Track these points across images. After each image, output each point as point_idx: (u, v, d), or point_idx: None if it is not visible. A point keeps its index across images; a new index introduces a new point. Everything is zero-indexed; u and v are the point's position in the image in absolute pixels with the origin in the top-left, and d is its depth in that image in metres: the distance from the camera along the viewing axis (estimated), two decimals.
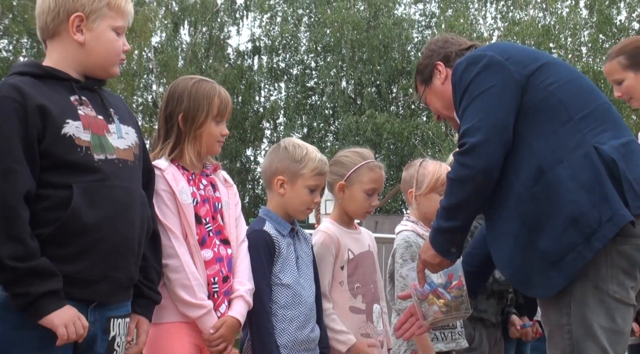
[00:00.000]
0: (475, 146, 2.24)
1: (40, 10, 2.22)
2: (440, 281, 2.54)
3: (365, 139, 22.49)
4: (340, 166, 3.07)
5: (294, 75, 25.64)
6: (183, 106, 2.58)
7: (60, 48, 2.21)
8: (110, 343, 2.19)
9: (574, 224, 2.17)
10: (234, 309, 2.55)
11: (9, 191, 1.99)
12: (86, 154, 2.10)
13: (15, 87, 2.06)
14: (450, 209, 2.34)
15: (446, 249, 2.41)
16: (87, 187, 2.08)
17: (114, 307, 2.19)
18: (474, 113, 2.29)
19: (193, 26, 24.51)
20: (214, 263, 2.55)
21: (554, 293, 2.23)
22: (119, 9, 2.23)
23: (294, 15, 25.26)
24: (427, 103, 2.79)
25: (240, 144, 25.02)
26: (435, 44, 2.77)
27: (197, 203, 2.56)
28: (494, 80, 2.30)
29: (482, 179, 2.26)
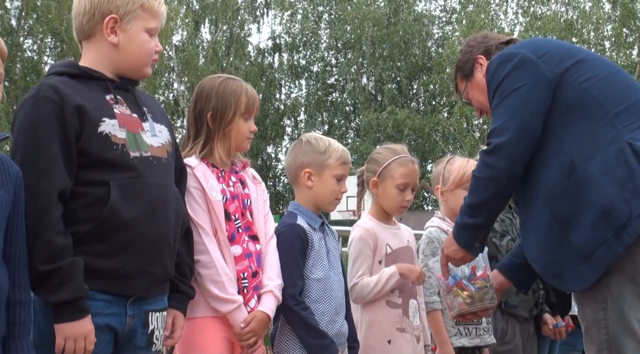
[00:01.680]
0: (500, 146, 2.29)
1: (77, 11, 2.27)
2: (464, 273, 2.60)
3: (386, 136, 22.49)
4: (374, 162, 3.14)
5: (315, 73, 25.67)
6: (211, 105, 2.63)
7: (95, 49, 2.26)
8: (150, 336, 2.25)
9: (605, 218, 2.18)
10: (264, 304, 2.59)
11: (42, 190, 2.05)
12: (122, 151, 2.16)
13: (53, 87, 2.12)
14: (473, 207, 2.39)
15: (470, 244, 2.46)
16: (124, 184, 2.13)
17: (151, 301, 2.25)
18: (501, 114, 2.32)
19: (214, 24, 24.62)
20: (243, 259, 2.59)
21: (585, 286, 2.25)
22: (152, 10, 2.28)
23: (314, 12, 25.28)
24: (469, 99, 2.79)
25: (261, 142, 25.11)
26: (475, 40, 2.78)
27: (227, 200, 2.61)
28: (524, 79, 2.32)
29: (506, 179, 2.31)
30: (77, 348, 2.05)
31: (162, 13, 2.33)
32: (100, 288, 2.11)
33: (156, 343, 2.27)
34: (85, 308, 2.06)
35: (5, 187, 2.00)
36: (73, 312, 2.04)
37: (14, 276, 2.00)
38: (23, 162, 2.06)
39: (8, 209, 2.00)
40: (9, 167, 2.04)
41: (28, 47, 20.89)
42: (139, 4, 2.25)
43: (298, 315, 2.70)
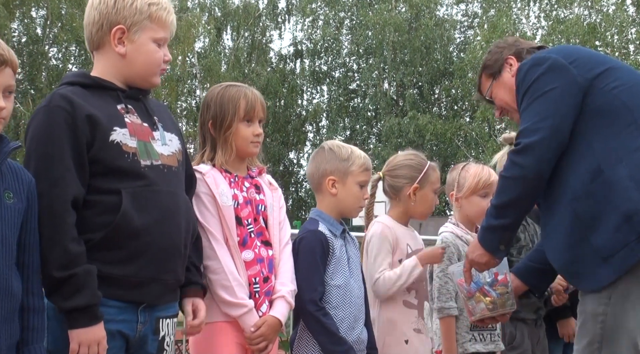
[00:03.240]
0: (529, 146, 2.31)
1: (87, 21, 2.31)
2: (486, 279, 2.63)
3: (407, 141, 22.44)
4: (409, 169, 3.14)
5: (336, 78, 25.70)
6: (211, 113, 2.67)
7: (104, 59, 2.29)
8: (160, 343, 2.27)
9: (628, 221, 2.19)
10: (276, 309, 2.60)
11: (56, 198, 2.08)
12: (133, 160, 2.18)
13: (65, 97, 2.15)
14: (500, 207, 2.40)
15: (495, 247, 2.47)
16: (135, 192, 2.15)
17: (162, 308, 2.27)
18: (532, 115, 2.35)
19: (235, 31, 24.76)
20: (255, 264, 2.61)
21: (601, 286, 2.26)
22: (160, 21, 2.29)
23: (335, 18, 25.33)
24: (492, 97, 2.82)
25: (283, 147, 25.17)
26: (506, 42, 2.83)
27: (239, 205, 2.62)
28: (555, 83, 2.35)
29: (534, 179, 2.33)
30: (99, 350, 2.08)
31: (171, 23, 2.34)
32: (112, 294, 2.13)
33: (167, 349, 2.30)
34: (99, 314, 2.09)
35: (18, 196, 2.04)
36: (87, 318, 2.07)
37: (27, 283, 2.04)
38: (37, 170, 2.10)
39: (21, 217, 2.04)
40: (22, 175, 2.08)
41: (53, 56, 21.15)
42: (146, 15, 2.27)
43: (318, 321, 2.72)
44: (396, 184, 3.13)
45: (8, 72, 1.98)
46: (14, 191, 2.03)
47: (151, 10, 2.27)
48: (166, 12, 2.31)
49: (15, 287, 1.99)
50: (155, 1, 2.29)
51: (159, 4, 2.30)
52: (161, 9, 2.30)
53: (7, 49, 1.99)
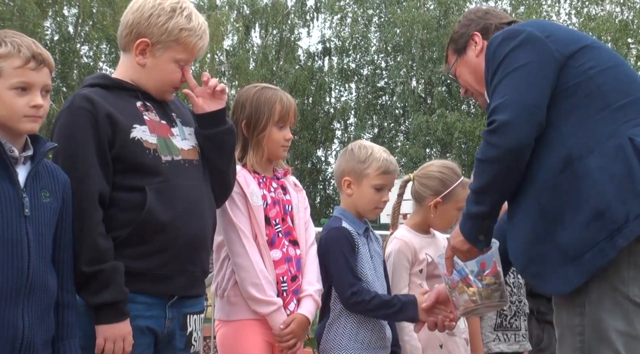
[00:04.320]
0: (504, 123, 2.08)
1: (122, 20, 2.35)
2: (471, 268, 2.41)
3: (435, 139, 22.34)
4: (437, 182, 3.09)
5: (365, 76, 25.64)
6: (245, 113, 2.70)
7: (127, 62, 2.35)
8: (188, 338, 2.32)
9: (598, 218, 2.00)
10: (304, 308, 2.64)
11: (84, 195, 2.14)
12: (154, 156, 2.23)
13: (87, 98, 2.21)
14: (478, 192, 2.19)
15: (474, 237, 2.26)
16: (159, 188, 2.21)
17: (190, 303, 2.32)
18: (505, 90, 2.12)
19: (264, 29, 24.81)
20: (283, 263, 2.65)
21: (568, 290, 2.06)
22: (187, 46, 2.30)
23: (364, 15, 25.26)
24: (456, 76, 2.58)
25: (311, 145, 25.18)
26: (475, 14, 2.56)
27: (267, 205, 2.67)
28: (530, 56, 2.13)
29: (511, 159, 2.10)
30: (116, 349, 2.13)
31: (201, 48, 2.34)
32: (141, 289, 2.19)
33: (194, 345, 2.34)
34: (125, 311, 2.14)
35: (54, 195, 2.09)
36: (113, 314, 2.12)
37: (61, 280, 2.09)
38: (63, 168, 2.16)
39: (57, 215, 2.09)
40: (58, 175, 2.13)
41: (84, 53, 21.37)
42: (174, 38, 2.28)
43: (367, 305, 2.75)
44: (421, 193, 3.10)
45: (46, 72, 2.03)
46: (50, 190, 2.09)
47: (181, 35, 2.28)
48: (197, 38, 2.31)
49: (51, 284, 2.04)
50: (189, 27, 2.29)
51: (192, 31, 2.30)
52: (193, 36, 2.30)
53: (44, 50, 2.05)
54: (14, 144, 2.02)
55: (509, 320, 3.22)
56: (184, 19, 2.28)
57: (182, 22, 2.28)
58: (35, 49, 2.02)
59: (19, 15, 17.68)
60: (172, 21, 2.27)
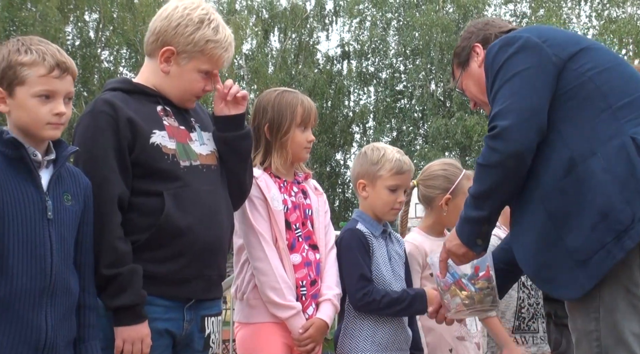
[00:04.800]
0: (505, 129, 2.08)
1: (150, 26, 2.37)
2: (464, 272, 2.41)
3: (454, 142, 22.27)
4: (442, 179, 3.09)
5: (383, 79, 25.61)
6: (268, 117, 2.72)
7: (150, 68, 2.37)
8: (206, 340, 2.35)
9: (604, 220, 1.99)
10: (323, 312, 2.66)
11: (103, 199, 2.17)
12: (173, 161, 2.26)
13: (108, 102, 2.24)
14: (478, 197, 2.19)
15: (472, 241, 2.26)
16: (177, 193, 2.23)
17: (207, 306, 2.34)
18: (506, 95, 2.13)
19: (283, 33, 24.88)
20: (303, 267, 2.66)
21: (580, 294, 2.05)
22: (212, 57, 2.32)
23: (382, 19, 25.25)
24: (463, 89, 2.59)
25: (330, 149, 25.19)
26: (475, 26, 2.58)
27: (288, 210, 2.68)
28: (529, 62, 2.15)
29: (513, 164, 2.10)
30: (134, 351, 2.15)
31: (226, 59, 2.36)
32: (159, 292, 2.21)
33: (212, 346, 2.37)
34: (143, 314, 2.17)
35: (76, 198, 2.12)
36: (131, 317, 2.15)
37: (83, 282, 2.13)
38: (84, 172, 2.18)
39: (78, 218, 2.13)
40: (80, 178, 2.17)
41: (105, 58, 21.55)
42: (199, 48, 2.29)
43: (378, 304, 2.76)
44: (429, 194, 3.10)
45: (69, 80, 2.07)
46: (72, 194, 2.12)
47: (207, 46, 2.29)
48: (223, 50, 2.33)
49: (73, 285, 2.08)
50: (215, 39, 2.31)
51: (218, 43, 2.31)
52: (218, 48, 2.31)
53: (67, 58, 2.08)
54: (37, 148, 2.05)
55: (527, 322, 3.22)
56: (210, 31, 2.30)
57: (209, 34, 2.29)
58: (60, 57, 2.05)
59: (41, 21, 17.88)
60: (199, 32, 2.28)
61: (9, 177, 1.99)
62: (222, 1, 23.24)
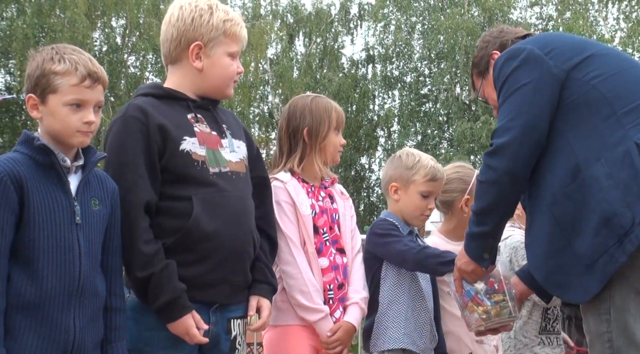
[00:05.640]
0: (501, 147, 2.16)
1: (164, 38, 2.41)
2: (479, 287, 2.48)
3: (480, 146, 22.14)
4: (458, 181, 3.13)
5: (408, 83, 25.56)
6: (306, 121, 2.75)
7: (180, 73, 2.39)
8: (232, 342, 2.37)
9: (606, 224, 2.03)
10: (350, 315, 2.68)
11: (132, 204, 2.20)
12: (202, 167, 2.28)
13: (140, 108, 2.27)
14: (479, 213, 2.26)
15: (479, 255, 2.33)
16: (205, 198, 2.25)
17: (233, 308, 2.36)
18: (505, 113, 2.19)
19: (308, 37, 24.94)
20: (330, 271, 2.69)
21: (589, 298, 2.10)
22: (234, 36, 2.39)
23: (407, 23, 25.21)
24: (485, 97, 2.64)
25: (355, 153, 25.19)
26: (490, 35, 2.62)
27: (316, 214, 2.72)
28: (529, 76, 2.18)
29: (508, 181, 2.17)
30: (190, 341, 2.21)
31: (244, 37, 2.43)
32: None
33: (238, 349, 2.39)
34: (186, 304, 2.19)
35: (103, 202, 2.16)
36: (174, 312, 2.19)
37: (110, 284, 2.16)
38: (113, 177, 2.22)
39: (106, 222, 2.16)
40: (107, 183, 2.20)
41: (131, 64, 21.73)
42: (221, 31, 2.36)
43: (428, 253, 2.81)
44: (448, 199, 3.12)
45: (99, 89, 2.10)
46: (100, 198, 2.15)
47: (226, 26, 2.36)
48: (239, 27, 2.41)
49: (100, 288, 2.11)
50: (229, 17, 2.39)
51: (233, 20, 2.39)
52: (235, 25, 2.39)
53: (99, 67, 2.12)
54: (66, 154, 2.09)
55: (552, 323, 3.23)
56: (222, 13, 2.38)
57: (222, 15, 2.37)
58: (92, 67, 2.08)
59: (69, 27, 18.10)
60: (214, 16, 2.35)
61: (39, 183, 2.03)
62: (247, 6, 23.37)
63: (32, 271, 1.99)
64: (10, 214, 1.98)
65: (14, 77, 19.69)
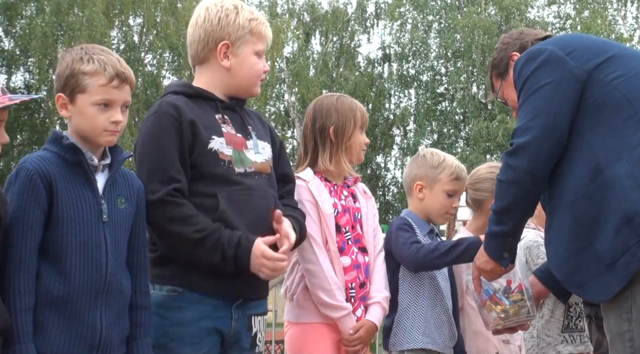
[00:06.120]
0: (521, 147, 2.17)
1: (192, 39, 2.44)
2: (497, 286, 2.50)
3: (496, 145, 22.07)
4: (491, 182, 3.08)
5: (424, 82, 25.51)
6: (332, 120, 2.77)
7: (208, 72, 2.43)
8: (253, 339, 2.40)
9: (628, 224, 2.03)
10: (372, 314, 2.70)
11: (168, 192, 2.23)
12: (228, 167, 2.32)
13: (172, 104, 2.31)
14: (499, 213, 2.28)
15: (499, 255, 2.34)
16: (230, 196, 2.29)
17: (254, 305, 2.39)
18: (525, 113, 2.20)
19: (324, 36, 24.95)
20: (352, 270, 2.71)
21: (610, 296, 2.10)
22: (260, 34, 2.43)
23: (424, 21, 25.16)
24: (504, 99, 2.65)
25: (371, 151, 25.16)
26: (510, 37, 2.64)
27: (338, 213, 2.73)
28: (550, 76, 2.19)
29: (528, 181, 2.18)
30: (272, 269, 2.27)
31: (269, 36, 2.46)
32: (210, 289, 2.27)
33: (259, 345, 2.42)
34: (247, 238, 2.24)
35: (129, 201, 2.19)
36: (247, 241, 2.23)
37: (135, 282, 2.19)
38: (149, 172, 2.25)
39: (131, 220, 2.19)
40: (133, 181, 2.23)
41: (148, 62, 21.83)
42: (247, 30, 2.39)
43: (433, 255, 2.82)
44: (478, 198, 3.15)
45: (127, 90, 2.13)
46: (126, 197, 2.18)
47: (252, 25, 2.40)
48: (264, 26, 2.44)
49: (125, 286, 2.14)
50: (254, 17, 2.42)
51: (258, 19, 2.43)
52: (260, 24, 2.43)
53: (127, 68, 2.15)
54: (93, 153, 2.12)
55: (574, 321, 3.23)
56: (247, 12, 2.42)
57: (248, 14, 2.41)
58: (120, 68, 2.11)
59: (87, 26, 18.22)
60: (240, 16, 2.39)
61: (68, 181, 2.07)
62: (264, 4, 23.41)
63: (60, 268, 2.03)
64: (40, 212, 2.02)
65: (32, 76, 19.84)
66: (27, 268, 1.99)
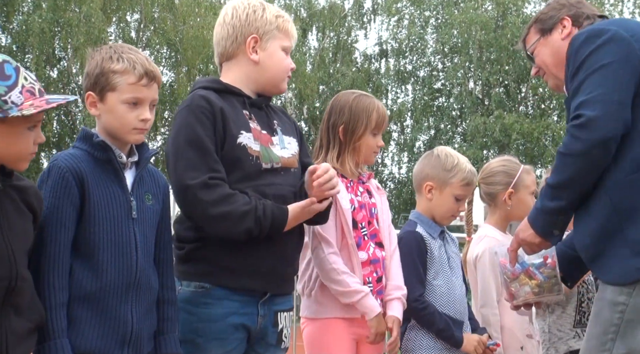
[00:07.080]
0: (593, 119, 2.10)
1: (220, 37, 2.47)
2: (533, 261, 2.45)
3: (493, 140, 22.13)
4: (503, 175, 3.18)
5: (421, 78, 25.54)
6: (344, 118, 2.77)
7: (236, 68, 2.46)
8: (279, 335, 2.43)
9: None
10: (395, 310, 2.73)
11: None
12: (256, 162, 2.35)
13: (205, 97, 2.34)
14: (557, 187, 2.20)
15: (548, 231, 2.27)
16: (257, 189, 2.32)
17: (280, 301, 2.42)
18: (593, 86, 2.14)
19: (321, 31, 24.94)
20: (368, 265, 2.73)
21: (629, 281, 2.11)
22: (286, 31, 2.47)
23: (421, 17, 25.17)
24: (532, 53, 2.56)
25: None
26: (568, 1, 2.54)
27: (355, 209, 2.75)
28: (616, 55, 2.16)
29: (597, 153, 2.12)
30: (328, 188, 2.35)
31: (295, 34, 2.50)
32: (238, 285, 2.31)
33: (284, 341, 2.45)
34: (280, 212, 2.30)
35: (156, 198, 2.23)
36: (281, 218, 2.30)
37: (162, 278, 2.23)
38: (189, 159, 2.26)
39: (158, 217, 2.23)
40: (159, 179, 2.27)
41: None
42: (274, 25, 2.44)
43: (424, 316, 2.86)
44: (491, 191, 3.18)
45: (155, 88, 2.17)
46: (153, 194, 2.22)
47: (278, 21, 2.44)
48: (290, 24, 2.49)
49: (153, 281, 2.18)
50: (280, 14, 2.47)
51: (284, 17, 2.48)
52: (286, 21, 2.47)
53: (155, 66, 2.18)
54: (121, 150, 2.16)
55: (586, 317, 3.25)
56: (274, 9, 2.47)
57: (275, 11, 2.46)
58: (148, 66, 2.15)
59: (85, 22, 18.21)
60: (266, 12, 2.44)
61: (98, 179, 2.10)
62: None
63: (92, 265, 2.06)
64: (72, 210, 2.05)
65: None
66: (60, 264, 2.03)
